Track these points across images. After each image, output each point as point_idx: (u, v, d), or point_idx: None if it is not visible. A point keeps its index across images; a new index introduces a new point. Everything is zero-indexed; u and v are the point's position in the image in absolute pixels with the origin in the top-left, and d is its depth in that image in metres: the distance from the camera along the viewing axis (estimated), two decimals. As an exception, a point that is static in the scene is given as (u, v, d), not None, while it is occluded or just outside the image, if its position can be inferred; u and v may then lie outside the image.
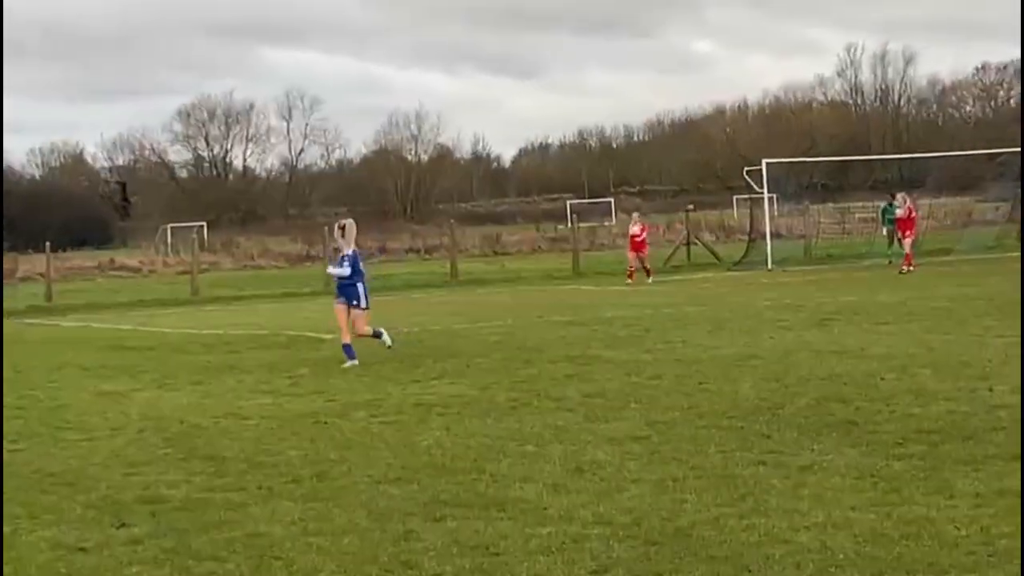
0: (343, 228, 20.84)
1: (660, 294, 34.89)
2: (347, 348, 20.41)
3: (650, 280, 41.10)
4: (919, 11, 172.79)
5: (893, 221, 43.36)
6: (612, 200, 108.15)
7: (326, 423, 14.51)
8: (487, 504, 9.97)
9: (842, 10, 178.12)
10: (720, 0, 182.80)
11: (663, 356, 19.51)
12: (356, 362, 20.01)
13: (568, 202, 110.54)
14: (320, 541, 9.10)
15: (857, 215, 64.50)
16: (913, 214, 41.82)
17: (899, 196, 43.27)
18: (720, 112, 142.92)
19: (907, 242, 40.86)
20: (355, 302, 20.72)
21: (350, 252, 20.73)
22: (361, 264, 21.02)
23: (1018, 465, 10.50)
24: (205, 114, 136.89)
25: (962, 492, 9.66)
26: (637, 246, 42.35)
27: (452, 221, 61.44)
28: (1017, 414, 12.89)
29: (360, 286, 20.76)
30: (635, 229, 42.79)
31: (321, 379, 18.63)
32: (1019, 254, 38.73)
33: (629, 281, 41.09)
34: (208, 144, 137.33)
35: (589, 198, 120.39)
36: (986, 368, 16.42)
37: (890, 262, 42.82)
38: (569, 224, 65.14)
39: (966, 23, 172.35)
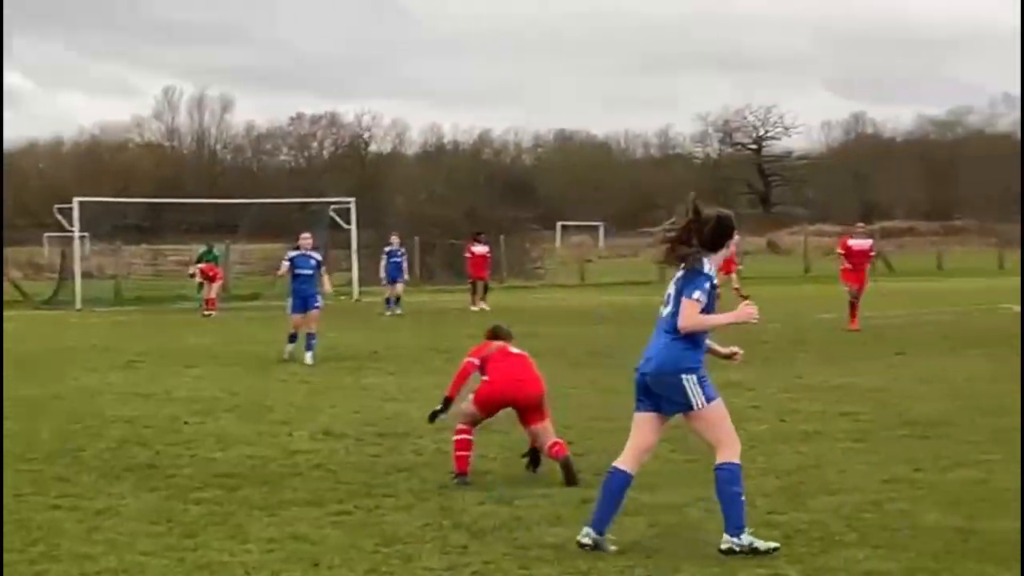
0: None
1: (-38, 331, 33.58)
2: None
3: None
4: (235, 60, 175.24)
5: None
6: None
7: None
8: None
9: (160, 54, 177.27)
10: (30, 33, 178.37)
11: (-40, 396, 18.75)
12: None
13: None
14: None
15: (171, 257, 64.56)
16: (215, 272, 42.78)
17: (193, 267, 44.55)
18: (33, 147, 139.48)
19: (214, 287, 41.78)
20: None
21: None
22: None
23: (312, 510, 10.77)
24: None
25: (256, 537, 9.80)
26: None
27: None
28: (313, 459, 13.24)
29: None
30: None
31: None
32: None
33: None
34: None
35: None
36: (289, 412, 16.79)
37: (201, 306, 43.11)
38: None
39: (281, 74, 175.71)
